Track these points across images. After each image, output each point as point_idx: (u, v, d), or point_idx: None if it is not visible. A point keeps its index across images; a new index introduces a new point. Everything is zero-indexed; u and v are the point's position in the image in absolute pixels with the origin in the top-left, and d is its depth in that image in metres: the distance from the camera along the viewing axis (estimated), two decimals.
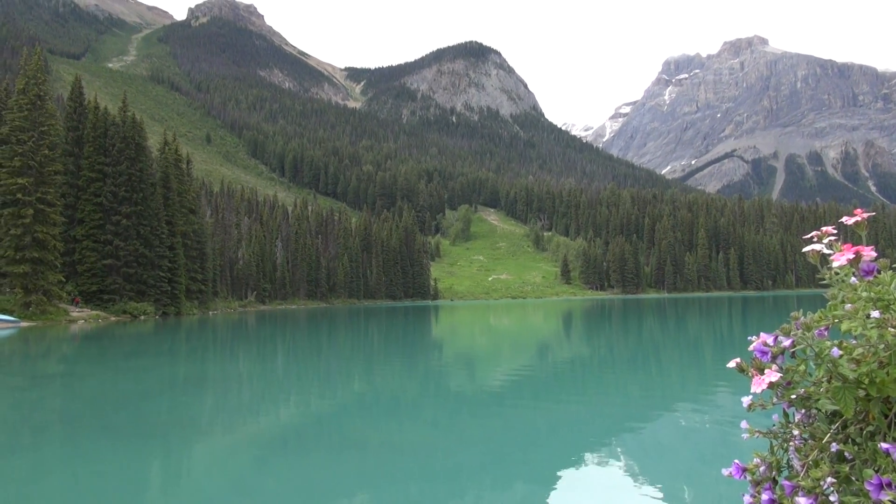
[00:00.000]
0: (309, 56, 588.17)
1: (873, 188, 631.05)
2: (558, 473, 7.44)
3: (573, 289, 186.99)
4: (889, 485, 0.91)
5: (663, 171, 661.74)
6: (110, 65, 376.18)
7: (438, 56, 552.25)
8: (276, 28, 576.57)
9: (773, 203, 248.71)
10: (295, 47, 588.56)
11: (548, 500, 6.50)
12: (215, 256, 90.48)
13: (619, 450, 8.55)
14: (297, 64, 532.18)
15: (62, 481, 7.72)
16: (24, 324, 48.93)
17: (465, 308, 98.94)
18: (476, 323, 52.67)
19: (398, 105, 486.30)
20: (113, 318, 58.32)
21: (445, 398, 13.67)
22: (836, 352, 1.03)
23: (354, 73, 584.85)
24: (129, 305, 61.33)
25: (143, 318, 60.71)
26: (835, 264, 1.12)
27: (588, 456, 8.19)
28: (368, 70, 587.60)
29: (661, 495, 6.53)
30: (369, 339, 33.91)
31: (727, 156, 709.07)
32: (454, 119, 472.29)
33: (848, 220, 1.20)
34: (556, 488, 6.86)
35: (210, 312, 77.42)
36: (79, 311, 57.38)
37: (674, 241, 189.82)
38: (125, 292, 62.51)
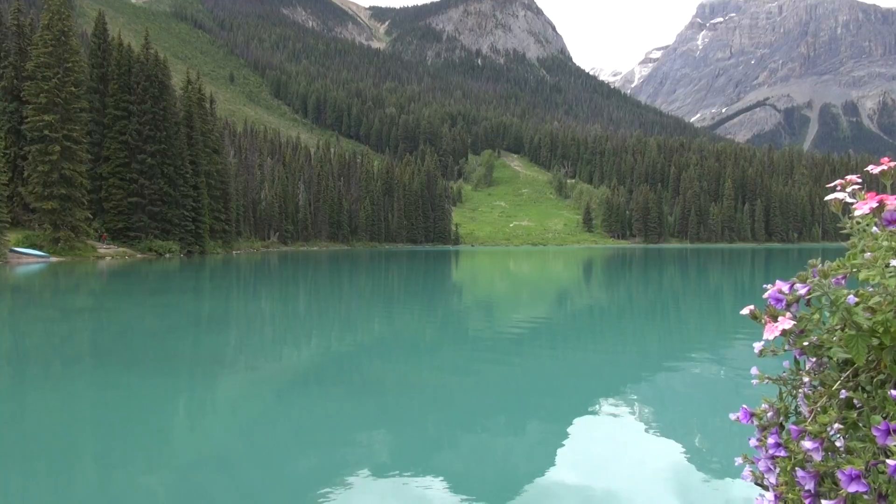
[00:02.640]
0: None
1: None
2: (573, 418, 7.57)
3: (595, 237, 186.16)
4: (895, 431, 0.93)
5: (692, 119, 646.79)
6: (134, 1, 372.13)
7: None
8: None
9: (803, 154, 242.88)
10: None
11: (562, 443, 6.64)
12: (238, 197, 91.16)
13: (633, 397, 8.65)
14: (321, 2, 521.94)
15: (92, 411, 8.03)
16: (54, 259, 50.10)
17: (486, 253, 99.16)
18: (496, 269, 52.86)
19: (423, 46, 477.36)
20: (139, 256, 59.44)
21: (463, 342, 13.86)
22: (851, 299, 1.03)
23: (379, 13, 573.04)
24: (155, 243, 62.38)
25: (168, 256, 61.78)
26: (857, 213, 1.12)
27: (602, 402, 8.31)
28: (393, 9, 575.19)
29: (671, 440, 6.63)
30: (390, 282, 34.26)
31: (759, 104, 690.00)
32: (479, 62, 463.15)
33: (874, 169, 1.18)
34: (569, 432, 7.00)
35: (233, 252, 78.52)
36: (106, 248, 58.53)
37: (699, 191, 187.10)
38: (150, 230, 63.50)
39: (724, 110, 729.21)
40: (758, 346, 1.14)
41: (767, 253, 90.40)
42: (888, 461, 0.91)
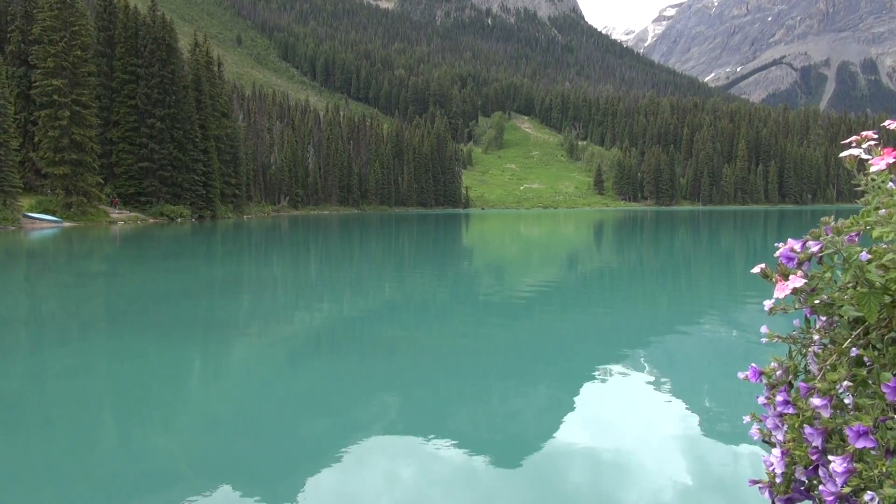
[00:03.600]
0: None
1: None
2: (583, 381, 7.63)
3: (606, 199, 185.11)
4: None
5: (706, 79, 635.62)
6: None
7: None
8: None
9: (819, 114, 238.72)
10: None
11: (572, 405, 6.71)
12: (248, 161, 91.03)
13: (643, 359, 8.69)
14: None
15: (107, 375, 8.18)
16: (67, 224, 50.49)
17: (496, 217, 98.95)
18: (506, 232, 52.80)
19: (432, 6, 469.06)
20: (151, 220, 59.79)
21: (474, 305, 13.93)
22: (864, 256, 1.02)
23: None
24: (166, 208, 62.65)
25: (179, 220, 62.10)
26: (872, 169, 1.10)
27: (612, 364, 8.36)
28: None
29: (680, 401, 6.68)
30: (400, 246, 34.34)
31: (775, 63, 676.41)
32: (490, 21, 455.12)
33: (891, 125, 1.17)
34: (580, 394, 7.06)
35: (244, 216, 78.78)
36: (118, 213, 58.88)
37: (712, 153, 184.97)
38: (162, 195, 63.71)
39: (738, 69, 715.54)
40: (768, 303, 1.14)
41: (780, 214, 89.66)
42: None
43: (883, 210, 1.05)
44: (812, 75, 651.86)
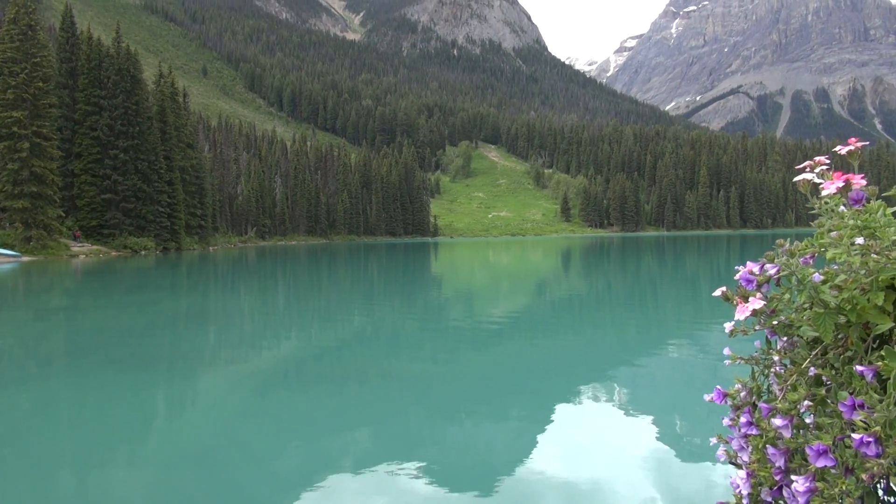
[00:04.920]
0: None
1: (879, 126, 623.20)
2: (553, 405, 7.63)
3: (573, 226, 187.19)
4: (861, 406, 0.95)
5: (667, 108, 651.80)
6: None
7: None
8: None
9: (776, 141, 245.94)
10: None
11: (543, 430, 6.69)
12: (214, 192, 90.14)
13: (613, 383, 8.74)
14: None
15: (68, 412, 7.92)
16: (26, 258, 49.21)
17: (465, 245, 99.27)
18: (475, 260, 52.96)
19: (398, 37, 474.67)
20: (114, 253, 58.62)
21: (444, 333, 13.88)
22: (817, 277, 1.04)
23: (353, 4, 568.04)
24: (130, 240, 61.52)
25: (143, 253, 61.00)
26: (824, 193, 1.13)
27: (583, 389, 8.38)
28: (367, 0, 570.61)
29: (652, 425, 6.71)
30: (369, 276, 34.17)
31: (732, 92, 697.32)
32: (455, 52, 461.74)
33: (842, 150, 1.20)
34: (551, 420, 7.05)
35: (210, 248, 77.74)
36: (79, 246, 57.62)
37: (675, 179, 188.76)
38: (125, 227, 62.60)
39: (698, 98, 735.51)
40: (728, 326, 1.16)
41: (742, 239, 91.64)
42: (853, 435, 0.93)
43: (835, 232, 1.07)
44: (768, 104, 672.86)
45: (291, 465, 5.78)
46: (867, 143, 1.23)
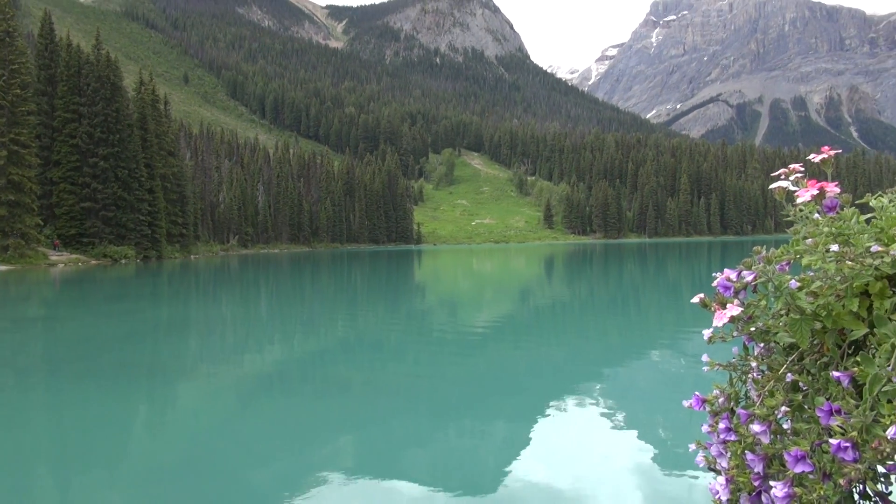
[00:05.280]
0: None
1: (855, 134, 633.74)
2: (538, 413, 7.64)
3: (556, 233, 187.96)
4: (838, 411, 0.95)
5: (648, 116, 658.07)
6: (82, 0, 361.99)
7: None
8: None
9: (755, 148, 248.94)
10: None
11: (528, 437, 6.69)
12: (196, 200, 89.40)
13: (596, 389, 8.77)
14: (277, 1, 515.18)
15: (45, 423, 7.80)
16: (3, 267, 48.46)
17: (448, 252, 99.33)
18: (458, 267, 52.98)
19: (381, 45, 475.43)
20: (93, 262, 57.92)
21: (428, 341, 13.86)
22: (793, 283, 1.05)
23: (336, 12, 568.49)
24: (110, 249, 60.82)
25: (123, 261, 60.33)
26: (799, 200, 1.14)
27: (567, 395, 8.40)
28: (350, 8, 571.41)
29: (635, 432, 6.75)
30: (352, 283, 34.05)
31: (712, 100, 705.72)
32: (438, 60, 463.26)
33: (815, 158, 1.22)
34: (535, 427, 7.06)
35: (192, 256, 77.07)
36: (58, 255, 56.85)
37: (656, 186, 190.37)
38: (105, 236, 61.90)
39: (678, 106, 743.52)
40: (707, 333, 1.17)
41: (723, 245, 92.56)
42: (831, 440, 0.93)
43: (810, 239, 1.08)
44: (747, 112, 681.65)
45: (275, 475, 5.73)
46: (839, 151, 1.24)
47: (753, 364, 1.14)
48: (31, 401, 8.88)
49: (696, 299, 1.18)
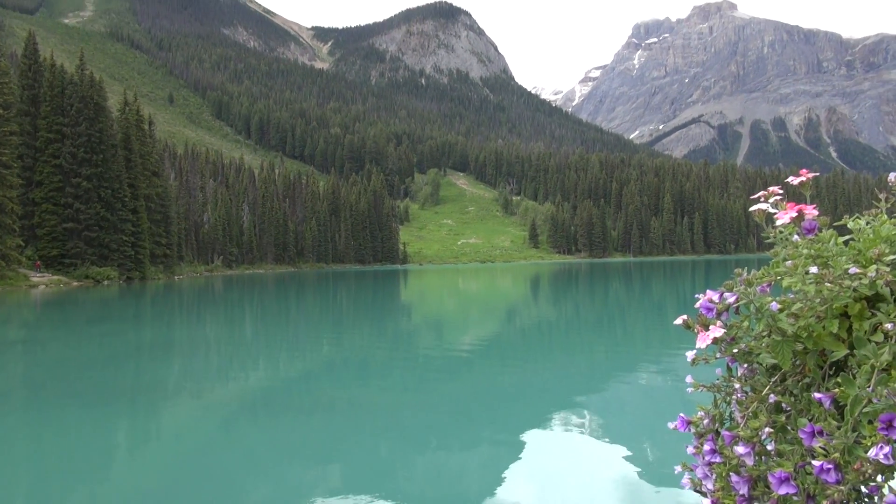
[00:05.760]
0: (274, 14, 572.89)
1: (834, 154, 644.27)
2: (524, 433, 7.61)
3: (541, 253, 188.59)
4: (820, 432, 0.96)
5: (631, 136, 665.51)
6: (66, 20, 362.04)
7: (407, 16, 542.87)
8: None
9: (737, 168, 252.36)
10: (260, 5, 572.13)
11: (514, 459, 6.67)
12: (180, 220, 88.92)
13: (583, 409, 8.77)
14: (263, 22, 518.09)
15: (26, 448, 7.66)
16: None
17: (434, 272, 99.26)
18: (444, 287, 52.95)
19: (366, 66, 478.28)
20: (75, 283, 57.26)
21: (414, 361, 13.81)
22: (774, 305, 1.06)
23: (321, 33, 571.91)
24: (92, 270, 60.20)
25: (106, 282, 59.71)
26: (778, 223, 1.16)
27: (553, 416, 8.39)
28: (336, 30, 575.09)
29: (622, 453, 6.74)
30: (338, 304, 33.90)
31: (694, 121, 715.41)
32: (423, 81, 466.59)
33: (794, 180, 1.24)
34: (521, 447, 7.03)
35: (175, 277, 76.43)
36: (39, 276, 56.16)
37: (640, 206, 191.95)
38: (87, 257, 61.28)
39: (661, 127, 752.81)
40: (690, 354, 1.18)
41: (707, 264, 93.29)
42: (814, 462, 0.93)
43: (790, 261, 1.10)
44: (728, 132, 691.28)
45: (260, 499, 5.66)
46: (817, 173, 1.26)
47: (737, 385, 1.15)
48: (8, 425, 8.72)
49: (679, 321, 1.19)
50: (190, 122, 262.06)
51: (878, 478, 0.91)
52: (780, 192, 1.23)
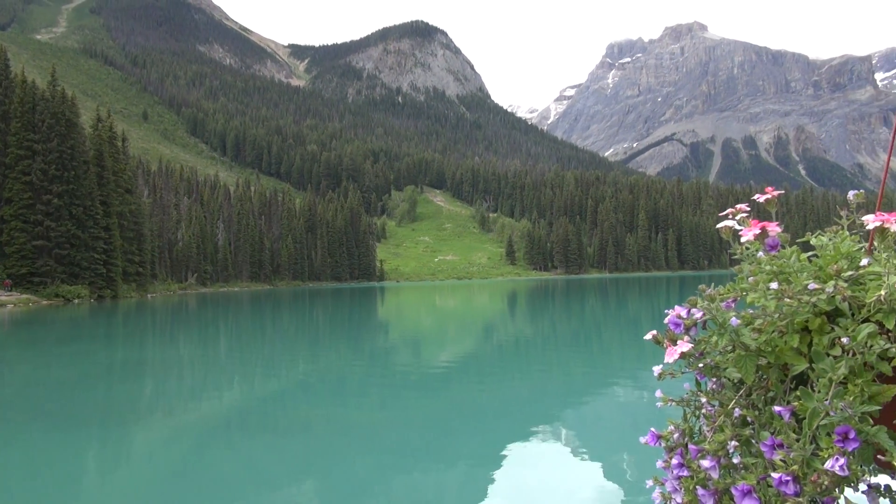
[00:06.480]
0: (251, 32, 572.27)
1: (803, 171, 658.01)
2: (502, 449, 7.61)
3: (518, 269, 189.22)
4: (780, 445, 0.98)
5: (606, 154, 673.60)
6: (38, 36, 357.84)
7: (384, 35, 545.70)
8: (216, 2, 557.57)
9: (709, 185, 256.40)
10: (236, 22, 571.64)
11: (492, 475, 6.65)
12: (153, 238, 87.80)
13: (560, 425, 8.79)
14: (239, 39, 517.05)
15: None
16: None
17: (411, 289, 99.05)
18: (422, 304, 52.84)
19: (343, 84, 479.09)
20: (45, 302, 56.13)
21: (391, 379, 13.74)
22: (734, 321, 1.08)
23: (298, 51, 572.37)
24: (62, 288, 59.07)
25: (77, 301, 58.62)
26: (743, 239, 1.19)
27: (531, 432, 8.39)
28: (312, 48, 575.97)
29: (597, 466, 6.76)
30: (314, 322, 33.65)
31: (667, 139, 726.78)
32: (400, 99, 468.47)
33: (760, 198, 1.28)
34: (499, 465, 7.03)
35: (148, 295, 75.31)
36: (7, 295, 54.96)
37: (615, 223, 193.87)
38: (58, 275, 60.16)
39: (635, 145, 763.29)
40: (657, 369, 1.22)
41: (681, 280, 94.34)
42: (773, 474, 0.95)
43: (752, 277, 1.12)
44: (700, 150, 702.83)
45: None
46: (783, 192, 1.27)
47: (703, 399, 1.17)
48: None
49: (648, 336, 1.22)
50: (164, 139, 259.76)
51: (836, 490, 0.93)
52: (747, 209, 1.25)
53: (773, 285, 1.06)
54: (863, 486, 0.98)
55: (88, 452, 8.27)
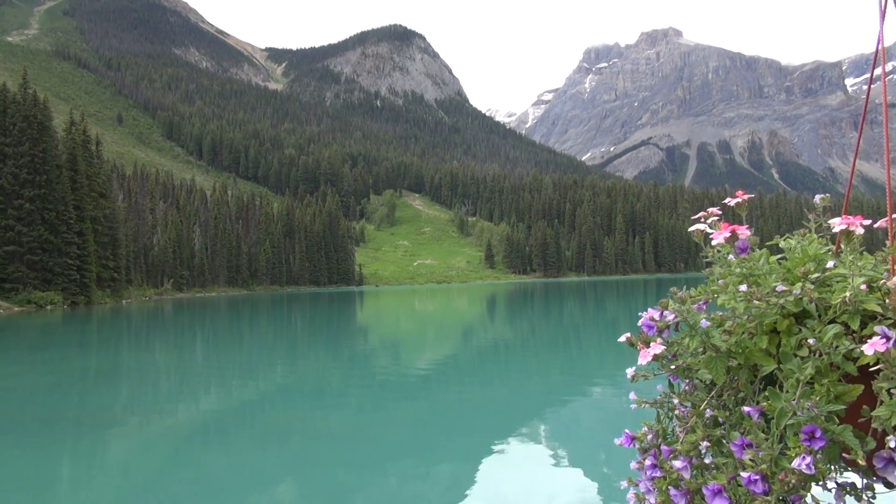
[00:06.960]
0: (227, 35, 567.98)
1: (776, 175, 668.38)
2: (481, 454, 7.61)
3: (497, 273, 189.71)
4: (749, 445, 0.99)
5: (584, 158, 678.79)
6: (9, 38, 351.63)
7: (362, 38, 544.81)
8: (191, 4, 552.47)
9: (685, 189, 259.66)
10: (212, 25, 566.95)
11: (472, 479, 6.65)
12: (128, 243, 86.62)
13: (540, 428, 8.81)
14: (215, 43, 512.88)
15: None
16: None
17: (390, 293, 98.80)
18: (401, 308, 52.73)
19: (321, 88, 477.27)
20: (16, 309, 55.08)
21: (370, 384, 13.69)
22: (704, 323, 1.10)
23: (275, 54, 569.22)
24: (34, 295, 58.02)
25: (49, 308, 57.61)
26: (714, 242, 1.20)
27: (511, 435, 8.41)
28: (290, 51, 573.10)
29: (578, 469, 6.79)
30: (292, 327, 33.42)
31: (643, 143, 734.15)
32: (378, 103, 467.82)
33: (731, 202, 1.29)
34: (479, 468, 7.03)
35: (123, 301, 74.25)
36: None
37: (593, 226, 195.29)
38: (29, 281, 59.08)
39: (612, 149, 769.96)
40: (630, 371, 1.23)
41: (658, 283, 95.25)
42: (742, 473, 0.96)
43: (722, 280, 1.14)
44: (676, 154, 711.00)
45: None
46: (752, 195, 1.30)
47: (676, 401, 1.18)
48: None
49: (622, 338, 1.24)
50: (139, 143, 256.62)
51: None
52: (719, 212, 1.27)
53: (743, 287, 1.08)
54: (831, 484, 1.00)
55: (61, 460, 8.12)
